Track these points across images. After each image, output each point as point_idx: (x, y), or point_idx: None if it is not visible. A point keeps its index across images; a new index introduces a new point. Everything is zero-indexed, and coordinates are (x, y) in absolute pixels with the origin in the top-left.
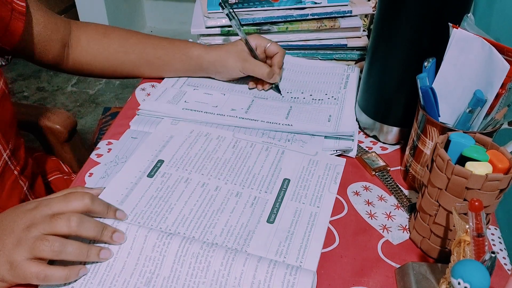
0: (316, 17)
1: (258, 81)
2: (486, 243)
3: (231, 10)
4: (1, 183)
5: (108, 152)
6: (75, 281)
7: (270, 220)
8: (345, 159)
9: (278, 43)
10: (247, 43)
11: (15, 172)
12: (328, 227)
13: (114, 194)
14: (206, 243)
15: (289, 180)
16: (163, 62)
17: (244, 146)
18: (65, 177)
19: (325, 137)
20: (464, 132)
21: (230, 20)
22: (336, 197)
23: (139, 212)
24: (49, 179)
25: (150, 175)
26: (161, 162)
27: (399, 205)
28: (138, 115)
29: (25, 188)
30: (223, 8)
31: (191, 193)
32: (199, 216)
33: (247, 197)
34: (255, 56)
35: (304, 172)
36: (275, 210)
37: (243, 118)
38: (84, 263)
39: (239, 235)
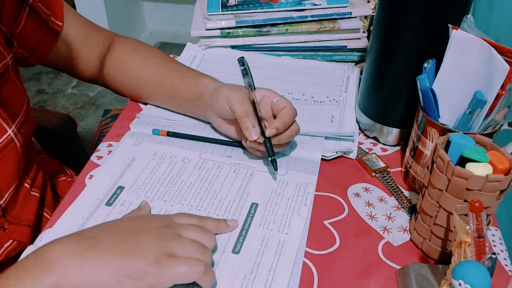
0: (316, 18)
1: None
2: (487, 244)
3: (246, 68)
4: (15, 196)
5: (108, 154)
6: None
7: (236, 250)
8: (316, 176)
9: (279, 45)
10: (252, 99)
11: (26, 185)
12: (329, 228)
13: (69, 224)
14: None
15: (257, 205)
16: (172, 85)
17: (211, 167)
18: (68, 180)
19: (325, 138)
20: (464, 133)
21: (244, 76)
22: (337, 199)
23: None
24: (54, 182)
25: (109, 203)
26: (121, 188)
27: (399, 206)
28: (138, 117)
29: (38, 198)
30: (242, 65)
31: None
32: None
33: None
34: (256, 109)
35: (273, 194)
36: (241, 238)
37: None
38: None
39: None
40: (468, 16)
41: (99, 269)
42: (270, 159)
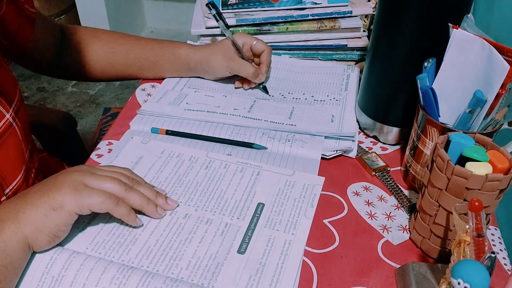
0: (316, 17)
1: (244, 80)
2: (486, 243)
3: (218, 12)
4: (23, 186)
5: (108, 152)
6: None
7: (241, 250)
8: (323, 177)
9: (279, 43)
10: (233, 42)
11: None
12: (328, 227)
13: (76, 221)
14: (169, 278)
15: (263, 205)
16: (151, 63)
17: (218, 166)
18: None
19: (325, 137)
20: (464, 133)
21: (217, 21)
22: (336, 197)
23: (100, 241)
24: None
25: None
26: None
27: (399, 205)
28: (138, 114)
29: None
30: (210, 9)
31: (158, 222)
32: (164, 248)
33: (217, 225)
34: (242, 55)
35: (280, 195)
36: (247, 238)
37: (246, 117)
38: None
39: (206, 268)
40: (468, 15)
41: (30, 210)
42: (262, 86)
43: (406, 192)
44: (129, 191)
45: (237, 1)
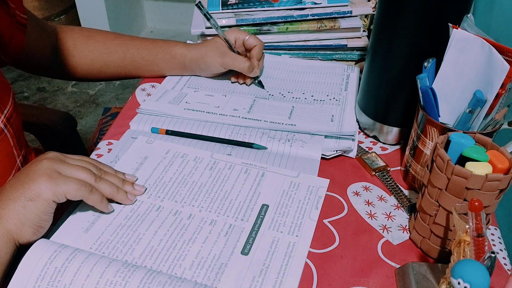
0: (316, 17)
1: (239, 75)
2: (486, 243)
3: (207, 12)
4: None
5: (108, 152)
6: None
7: (245, 251)
8: (328, 180)
9: (279, 43)
10: (225, 39)
11: None
12: (328, 227)
13: (80, 221)
14: (173, 277)
15: (267, 206)
16: (146, 62)
17: (223, 167)
18: None
19: (325, 136)
20: (464, 132)
21: (208, 20)
22: (336, 197)
23: (104, 241)
24: None
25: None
26: None
27: (399, 205)
28: (138, 113)
29: None
30: (200, 9)
31: (162, 222)
32: (168, 248)
33: (221, 225)
34: (234, 51)
35: (284, 196)
36: (251, 240)
37: (246, 118)
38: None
39: (210, 268)
40: (468, 15)
41: (8, 205)
42: (257, 80)
43: (406, 192)
44: (99, 181)
45: (237, 1)
